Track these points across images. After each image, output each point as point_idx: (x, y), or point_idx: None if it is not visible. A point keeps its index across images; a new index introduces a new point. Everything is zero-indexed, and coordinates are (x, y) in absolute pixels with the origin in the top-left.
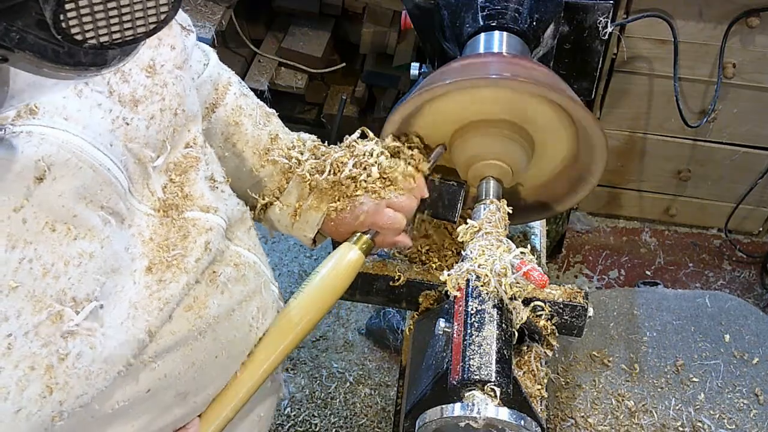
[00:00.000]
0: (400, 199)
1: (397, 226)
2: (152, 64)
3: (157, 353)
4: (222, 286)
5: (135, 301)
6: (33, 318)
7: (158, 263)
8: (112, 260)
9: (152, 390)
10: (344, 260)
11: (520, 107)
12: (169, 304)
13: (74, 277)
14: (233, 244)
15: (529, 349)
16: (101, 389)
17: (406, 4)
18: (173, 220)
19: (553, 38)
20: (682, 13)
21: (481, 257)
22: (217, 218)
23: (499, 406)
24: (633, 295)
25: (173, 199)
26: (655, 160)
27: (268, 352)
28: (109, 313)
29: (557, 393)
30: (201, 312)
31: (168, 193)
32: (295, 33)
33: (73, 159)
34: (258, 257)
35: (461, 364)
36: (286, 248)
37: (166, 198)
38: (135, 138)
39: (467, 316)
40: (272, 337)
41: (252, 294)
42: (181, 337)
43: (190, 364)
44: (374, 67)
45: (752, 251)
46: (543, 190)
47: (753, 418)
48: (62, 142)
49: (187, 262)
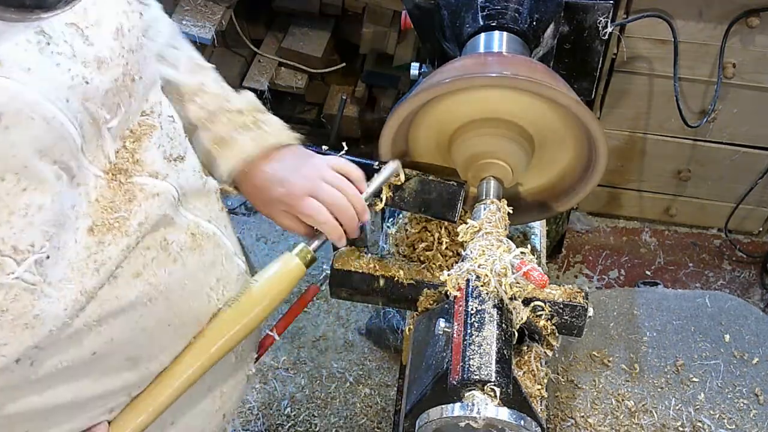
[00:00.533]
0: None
1: (322, 219)
2: (120, 27)
3: (102, 317)
4: (175, 254)
5: (72, 261)
6: None
7: (100, 225)
8: (61, 216)
9: (98, 353)
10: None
11: (520, 107)
12: (105, 266)
13: (17, 226)
14: (191, 214)
15: (529, 349)
16: (31, 345)
17: (406, 4)
18: (121, 183)
19: (553, 38)
20: (682, 13)
21: (481, 257)
22: (166, 185)
23: (499, 406)
24: (633, 295)
25: (123, 164)
26: (655, 160)
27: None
28: (51, 267)
29: (557, 393)
30: (151, 279)
31: (119, 158)
32: (295, 33)
33: (25, 110)
34: (219, 229)
35: (461, 364)
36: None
37: (117, 162)
38: (93, 98)
39: (467, 316)
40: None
41: (211, 265)
42: (128, 302)
43: (140, 330)
44: (374, 67)
45: (752, 251)
46: (543, 190)
47: (753, 418)
48: (15, 93)
49: (129, 225)
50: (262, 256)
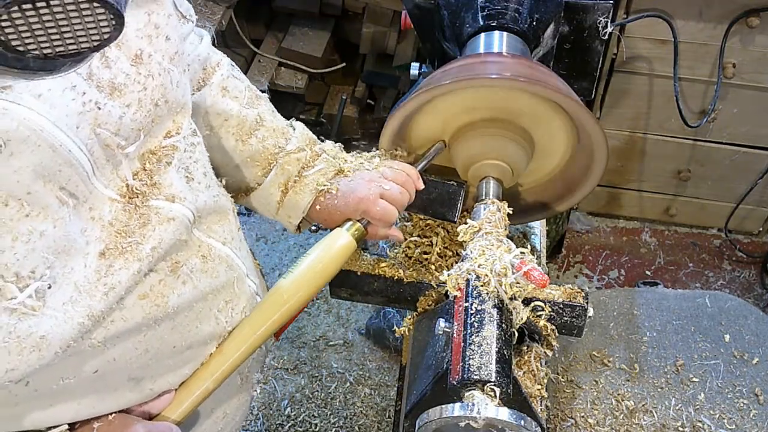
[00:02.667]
0: (393, 190)
1: (389, 218)
2: (140, 53)
3: (107, 338)
4: (185, 276)
5: (80, 284)
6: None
7: (113, 248)
8: (65, 241)
9: (100, 371)
10: (335, 244)
11: (519, 107)
12: (114, 290)
13: (20, 252)
14: (204, 236)
15: (529, 349)
16: (36, 368)
17: (406, 4)
18: (137, 207)
19: (553, 38)
20: (682, 13)
21: (481, 257)
22: (183, 208)
23: (499, 406)
24: (633, 295)
25: (141, 187)
26: (655, 160)
27: (254, 327)
28: (53, 293)
29: (557, 393)
30: (158, 301)
31: (137, 179)
32: (295, 33)
33: (32, 137)
34: (233, 251)
35: (461, 364)
36: (286, 248)
37: (134, 184)
38: (105, 123)
39: (467, 316)
40: (260, 312)
41: (221, 287)
42: (134, 324)
43: (143, 351)
44: (374, 67)
45: (752, 251)
46: (543, 190)
47: (753, 418)
48: (23, 118)
49: (141, 250)
50: (263, 256)
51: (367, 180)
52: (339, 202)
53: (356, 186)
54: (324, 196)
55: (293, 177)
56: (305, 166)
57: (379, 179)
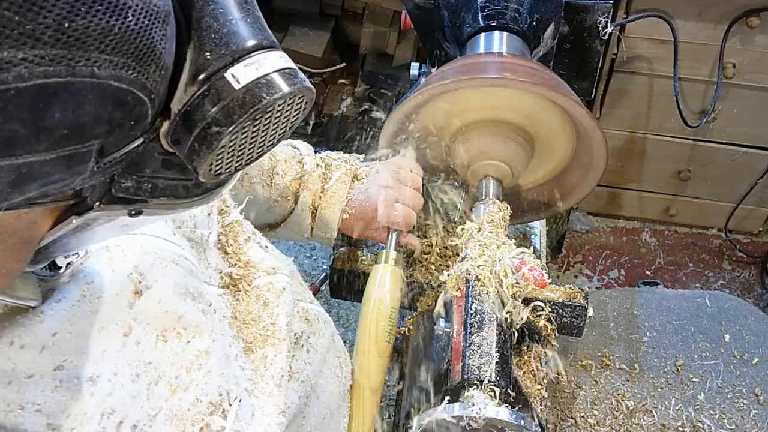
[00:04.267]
0: (409, 194)
1: (409, 222)
2: None
3: None
4: (306, 344)
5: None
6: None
7: (253, 341)
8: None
9: None
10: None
11: (519, 107)
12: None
13: (200, 381)
14: (296, 300)
15: (529, 349)
16: None
17: (406, 4)
18: (246, 291)
19: (553, 38)
20: (682, 13)
21: (481, 257)
22: (284, 277)
23: (499, 406)
24: (633, 295)
25: (237, 272)
26: (655, 160)
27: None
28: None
29: (557, 393)
30: (300, 376)
31: (230, 265)
32: (295, 33)
33: (158, 260)
34: (315, 305)
35: (461, 364)
36: (286, 248)
37: (231, 271)
38: (184, 222)
39: (467, 316)
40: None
41: (330, 345)
42: (297, 409)
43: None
44: (374, 67)
45: (752, 251)
46: (543, 190)
47: (753, 418)
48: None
49: (280, 330)
50: None
51: (384, 185)
52: (357, 212)
53: (373, 192)
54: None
55: (318, 194)
56: (325, 179)
57: (395, 184)
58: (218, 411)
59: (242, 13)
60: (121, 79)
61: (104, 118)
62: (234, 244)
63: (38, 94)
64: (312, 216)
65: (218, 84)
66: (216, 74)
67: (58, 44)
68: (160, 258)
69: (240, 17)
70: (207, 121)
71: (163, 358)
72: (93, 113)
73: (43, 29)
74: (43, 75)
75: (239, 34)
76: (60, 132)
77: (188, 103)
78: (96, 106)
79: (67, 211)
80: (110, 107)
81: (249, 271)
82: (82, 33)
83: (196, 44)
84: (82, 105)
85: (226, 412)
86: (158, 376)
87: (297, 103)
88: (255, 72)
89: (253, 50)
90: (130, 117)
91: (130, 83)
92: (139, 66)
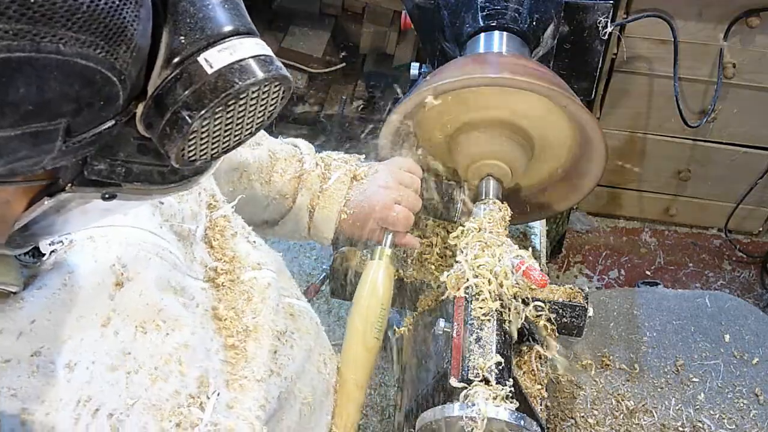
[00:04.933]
0: (409, 195)
1: (406, 223)
2: None
3: None
4: (290, 340)
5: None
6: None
7: (235, 335)
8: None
9: None
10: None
11: (519, 107)
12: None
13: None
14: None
15: (529, 349)
16: None
17: (406, 4)
18: (231, 285)
19: (553, 38)
20: (682, 13)
21: (481, 257)
22: (270, 273)
23: (499, 406)
24: (633, 295)
25: (223, 266)
26: (655, 160)
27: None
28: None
29: (557, 393)
30: (283, 372)
31: (216, 259)
32: (295, 33)
33: (141, 252)
34: (302, 301)
35: (461, 364)
36: (286, 248)
37: (216, 265)
38: (172, 215)
39: (467, 316)
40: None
41: (314, 341)
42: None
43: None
44: (374, 67)
45: (752, 251)
46: (543, 190)
47: (753, 418)
48: (125, 237)
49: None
50: None
51: (383, 186)
52: (356, 212)
53: (372, 193)
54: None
55: (317, 193)
56: (323, 179)
57: (395, 185)
58: (196, 403)
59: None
60: (89, 57)
61: (71, 96)
62: (220, 238)
63: (2, 68)
64: (309, 215)
65: (191, 68)
66: (189, 58)
67: (24, 19)
68: (143, 251)
69: (218, 2)
70: (178, 105)
71: (142, 349)
72: (58, 90)
73: (8, 3)
74: (6, 49)
75: (215, 19)
76: (25, 108)
77: (161, 87)
78: (61, 83)
79: (41, 192)
80: (77, 85)
81: (234, 265)
82: (48, 9)
83: (171, 28)
84: (47, 81)
85: (204, 404)
86: (138, 366)
87: (274, 91)
88: (229, 57)
89: (228, 35)
90: (99, 97)
91: (98, 62)
92: (108, 45)
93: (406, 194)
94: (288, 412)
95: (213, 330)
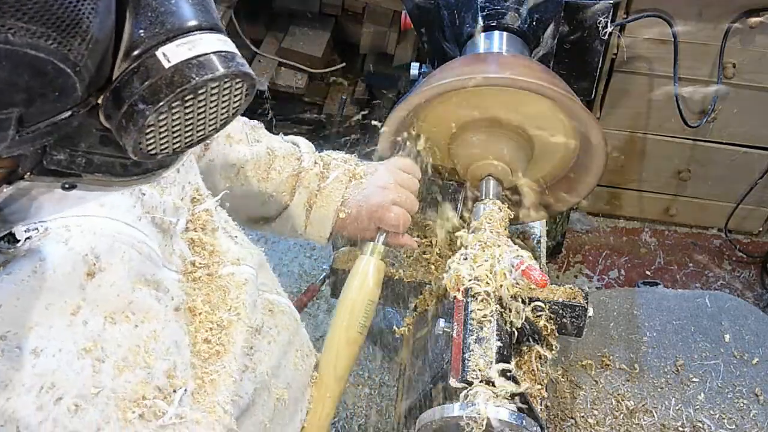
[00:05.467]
0: (406, 196)
1: (404, 224)
2: None
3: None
4: (267, 336)
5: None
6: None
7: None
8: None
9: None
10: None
11: (519, 107)
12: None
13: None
14: (261, 291)
15: (529, 349)
16: None
17: (406, 4)
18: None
19: (553, 38)
20: (682, 13)
21: (480, 257)
22: (249, 268)
23: (499, 406)
24: (633, 295)
25: (202, 260)
26: (655, 160)
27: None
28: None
29: (557, 393)
30: (258, 368)
31: (195, 253)
32: (295, 33)
33: (116, 244)
34: (282, 297)
35: (461, 364)
36: (286, 248)
37: (195, 259)
38: (153, 207)
39: (467, 316)
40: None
41: (292, 337)
42: (250, 399)
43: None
44: (374, 67)
45: (752, 251)
46: (543, 190)
47: (753, 418)
48: (101, 228)
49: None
50: None
51: (381, 186)
52: (354, 212)
53: (370, 193)
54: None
55: (314, 192)
56: (322, 178)
57: (393, 186)
58: (162, 395)
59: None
60: (39, 48)
61: (21, 86)
62: (200, 232)
63: None
64: (306, 214)
65: (148, 62)
66: (147, 52)
67: None
68: (118, 242)
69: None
70: (134, 97)
71: (110, 339)
72: (8, 80)
73: None
74: None
75: (178, 13)
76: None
77: (119, 80)
78: (10, 73)
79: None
80: (27, 76)
81: (213, 260)
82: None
83: (133, 21)
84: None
85: (170, 397)
86: (105, 355)
87: (236, 88)
88: (187, 52)
89: (190, 30)
90: (52, 88)
91: (50, 53)
92: (60, 37)
93: (405, 195)
94: (262, 407)
95: (186, 323)
